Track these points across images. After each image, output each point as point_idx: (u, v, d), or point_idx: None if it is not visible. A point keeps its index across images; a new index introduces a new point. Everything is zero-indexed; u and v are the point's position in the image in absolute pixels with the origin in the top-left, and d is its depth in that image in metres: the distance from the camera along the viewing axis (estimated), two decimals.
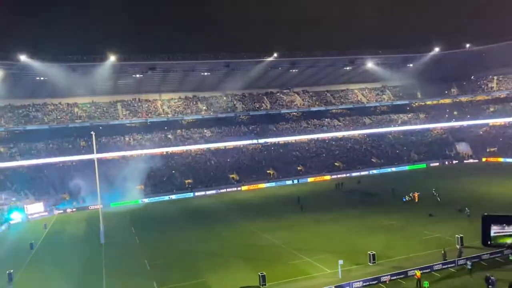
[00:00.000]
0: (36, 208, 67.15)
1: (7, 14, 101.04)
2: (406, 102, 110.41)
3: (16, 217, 62.92)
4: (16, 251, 45.77)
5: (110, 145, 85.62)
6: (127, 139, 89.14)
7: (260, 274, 30.11)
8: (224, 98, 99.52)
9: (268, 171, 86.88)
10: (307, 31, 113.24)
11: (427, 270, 30.18)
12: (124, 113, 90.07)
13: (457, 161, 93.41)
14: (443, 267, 30.99)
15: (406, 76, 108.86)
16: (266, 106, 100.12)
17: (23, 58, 68.69)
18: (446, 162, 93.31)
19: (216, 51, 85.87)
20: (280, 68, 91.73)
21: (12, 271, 35.45)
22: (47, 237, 51.99)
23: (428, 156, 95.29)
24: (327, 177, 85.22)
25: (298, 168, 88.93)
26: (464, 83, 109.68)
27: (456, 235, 35.45)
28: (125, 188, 71.53)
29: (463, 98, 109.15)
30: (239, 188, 79.92)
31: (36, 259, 42.36)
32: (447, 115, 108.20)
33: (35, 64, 71.01)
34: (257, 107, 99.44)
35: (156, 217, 60.59)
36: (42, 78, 75.42)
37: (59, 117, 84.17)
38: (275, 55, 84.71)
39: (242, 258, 36.89)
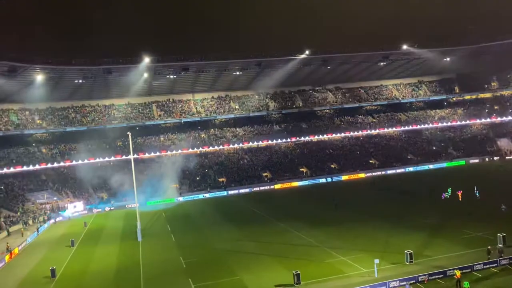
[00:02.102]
0: (76, 207, 69.71)
1: (43, 18, 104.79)
2: (443, 97, 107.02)
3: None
4: (58, 248, 47.64)
5: (146, 145, 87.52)
6: (162, 139, 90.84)
7: (295, 273, 29.99)
8: (256, 97, 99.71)
9: (301, 169, 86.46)
10: (339, 27, 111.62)
11: (467, 270, 29.18)
12: (159, 113, 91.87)
13: (498, 158, 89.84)
14: (484, 267, 29.83)
15: (443, 71, 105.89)
16: (298, 104, 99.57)
17: (62, 62, 71.46)
18: (487, 159, 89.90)
19: (248, 50, 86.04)
20: (312, 65, 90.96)
21: (55, 267, 36.91)
22: (87, 235, 53.79)
23: (467, 153, 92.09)
24: (362, 175, 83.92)
25: (332, 166, 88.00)
26: (508, 76, 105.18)
27: (498, 234, 34.04)
28: (161, 187, 73.04)
29: (505, 92, 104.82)
30: (272, 187, 79.92)
31: (77, 255, 43.87)
32: (487, 110, 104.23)
33: (74, 68, 73.64)
34: (289, 105, 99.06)
35: (191, 215, 61.50)
36: (80, 81, 77.99)
37: (96, 119, 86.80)
38: (307, 52, 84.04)
39: (276, 256, 36.82)
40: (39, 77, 72.43)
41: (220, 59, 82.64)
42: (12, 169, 74.90)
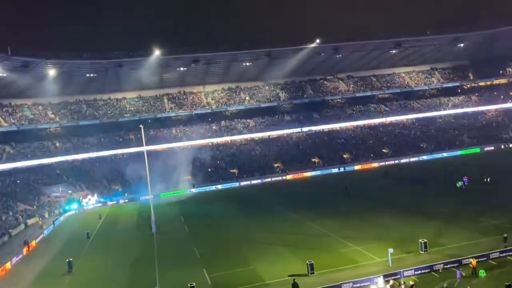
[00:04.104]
0: (90, 200, 70.56)
1: (53, 13, 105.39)
2: (457, 84, 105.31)
3: (74, 207, 66.62)
4: (74, 240, 48.37)
5: (158, 137, 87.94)
6: (173, 131, 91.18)
7: (308, 263, 30.00)
8: (267, 87, 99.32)
9: (313, 160, 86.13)
10: (349, 14, 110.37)
11: (483, 259, 28.85)
12: (170, 106, 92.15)
13: None
14: (501, 255, 29.45)
15: (456, 57, 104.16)
16: (310, 93, 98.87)
17: (74, 56, 72.09)
18: (502, 146, 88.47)
19: (257, 40, 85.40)
20: (323, 54, 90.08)
21: (71, 259, 37.45)
22: (102, 227, 54.48)
23: (482, 140, 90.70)
24: (375, 165, 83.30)
25: (344, 155, 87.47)
26: None
27: None
28: (174, 179, 73.40)
29: None
30: (284, 177, 79.85)
31: (93, 247, 44.51)
32: (502, 96, 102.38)
33: (85, 62, 74.11)
34: (300, 95, 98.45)
35: (203, 206, 61.80)
36: (92, 75, 78.43)
37: (109, 112, 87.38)
38: (318, 41, 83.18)
39: (290, 246, 36.88)
40: (51, 72, 73.05)
41: (229, 50, 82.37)
42: (27, 163, 75.99)
